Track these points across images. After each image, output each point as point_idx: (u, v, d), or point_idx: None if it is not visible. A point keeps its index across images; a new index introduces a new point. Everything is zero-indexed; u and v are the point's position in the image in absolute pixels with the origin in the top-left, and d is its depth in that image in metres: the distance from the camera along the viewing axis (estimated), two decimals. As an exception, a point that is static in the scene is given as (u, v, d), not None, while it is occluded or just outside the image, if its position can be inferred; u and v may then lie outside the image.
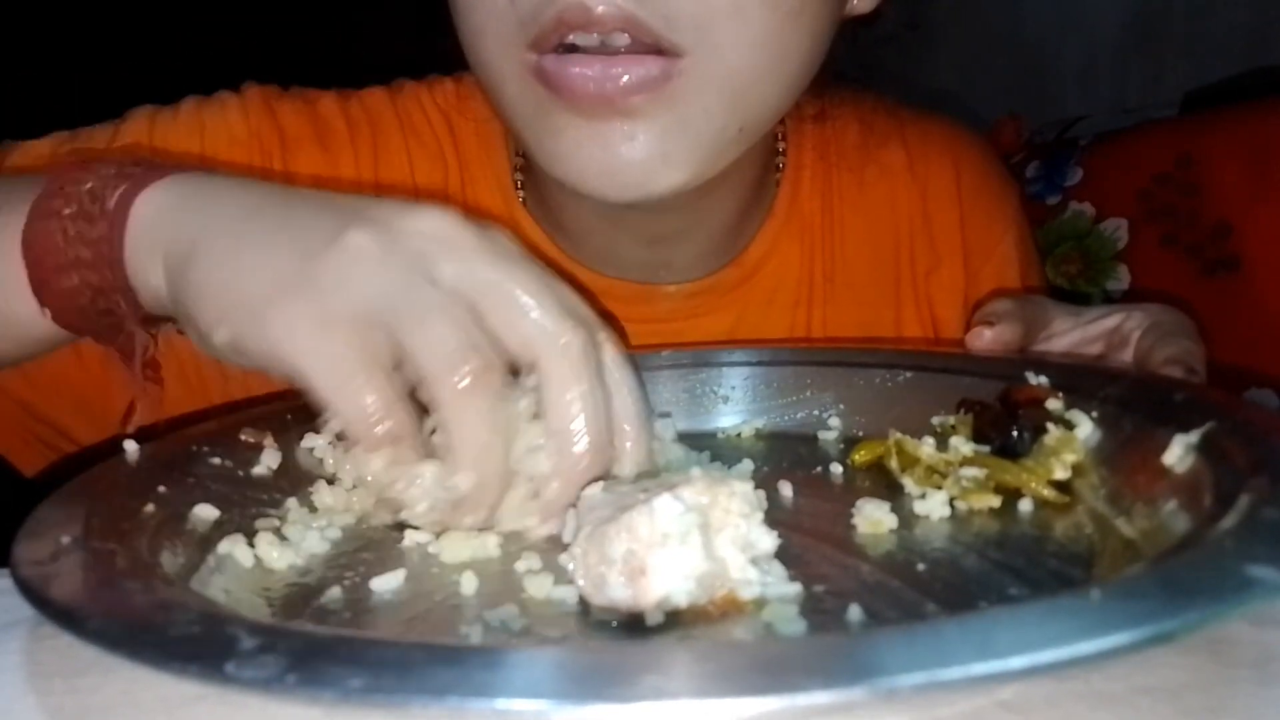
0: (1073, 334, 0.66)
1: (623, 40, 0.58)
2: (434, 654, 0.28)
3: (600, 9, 0.57)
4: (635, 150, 0.60)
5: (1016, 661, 0.25)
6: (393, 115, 0.78)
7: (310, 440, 0.52)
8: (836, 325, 0.82)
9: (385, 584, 0.42)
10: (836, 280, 0.82)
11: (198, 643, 0.30)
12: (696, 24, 0.58)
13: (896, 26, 0.74)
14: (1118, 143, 1.55)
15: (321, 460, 0.51)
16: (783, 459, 0.58)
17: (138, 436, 0.50)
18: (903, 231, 0.84)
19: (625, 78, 0.58)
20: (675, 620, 0.37)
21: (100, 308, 0.54)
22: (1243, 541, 0.31)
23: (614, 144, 0.60)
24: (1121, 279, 1.49)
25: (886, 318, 0.83)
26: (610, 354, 0.49)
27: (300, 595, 0.42)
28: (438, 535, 0.46)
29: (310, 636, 0.30)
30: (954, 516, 0.47)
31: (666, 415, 0.61)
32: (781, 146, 0.82)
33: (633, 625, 0.37)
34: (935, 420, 0.56)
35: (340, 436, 0.54)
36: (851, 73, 0.66)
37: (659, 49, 0.58)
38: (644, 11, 0.57)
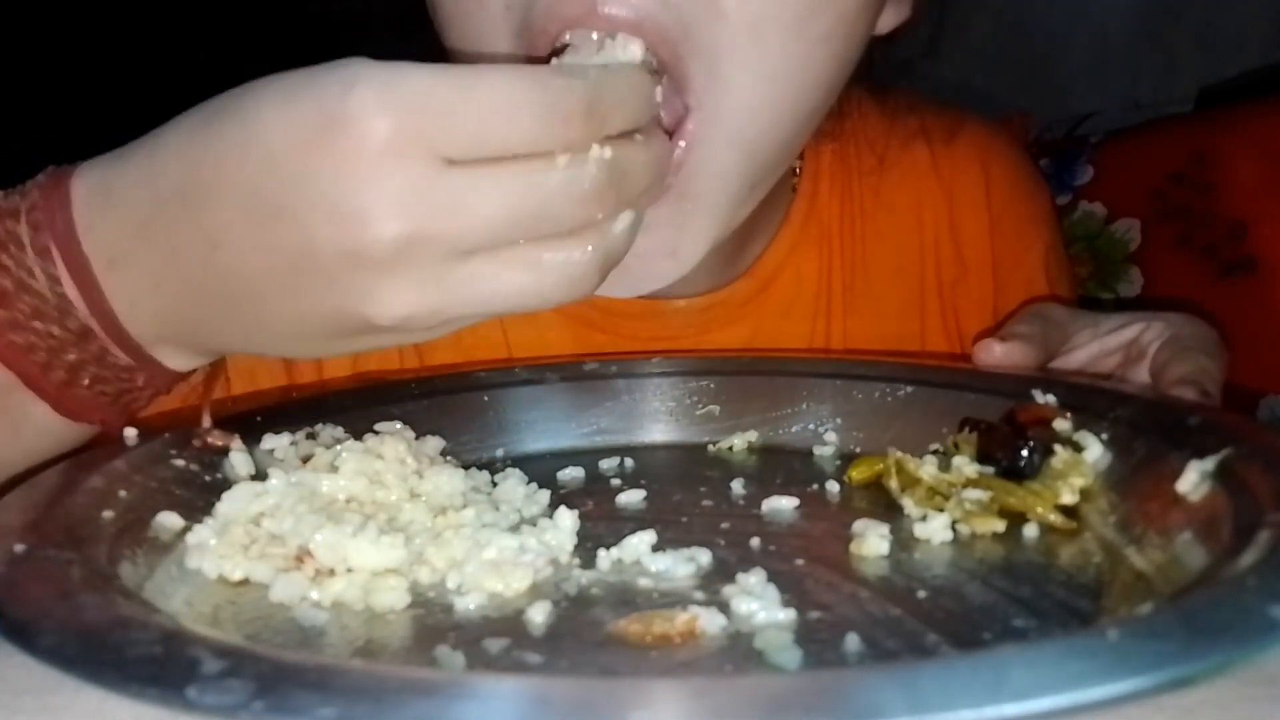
0: (1090, 347, 0.66)
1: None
2: (411, 683, 0.28)
3: (608, 7, 0.52)
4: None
5: (1032, 705, 0.25)
6: None
7: (271, 441, 0.51)
8: (857, 338, 0.80)
9: (354, 598, 0.42)
10: (856, 290, 0.81)
11: (158, 664, 0.30)
12: (710, 47, 0.53)
13: (913, 50, 0.73)
14: (1130, 140, 1.56)
15: (283, 462, 0.50)
16: (776, 475, 0.58)
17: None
18: (927, 238, 0.82)
19: None
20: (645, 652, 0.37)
21: (107, 387, 0.50)
22: (1265, 581, 0.32)
23: None
24: (1134, 282, 1.50)
25: (910, 330, 0.82)
26: None
27: (267, 608, 0.42)
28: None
29: (279, 660, 0.30)
30: (956, 541, 0.47)
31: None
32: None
33: (617, 651, 0.37)
34: (935, 446, 0.57)
35: (311, 435, 0.53)
36: (857, 71, 0.65)
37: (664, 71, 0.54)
38: (654, 10, 0.52)
